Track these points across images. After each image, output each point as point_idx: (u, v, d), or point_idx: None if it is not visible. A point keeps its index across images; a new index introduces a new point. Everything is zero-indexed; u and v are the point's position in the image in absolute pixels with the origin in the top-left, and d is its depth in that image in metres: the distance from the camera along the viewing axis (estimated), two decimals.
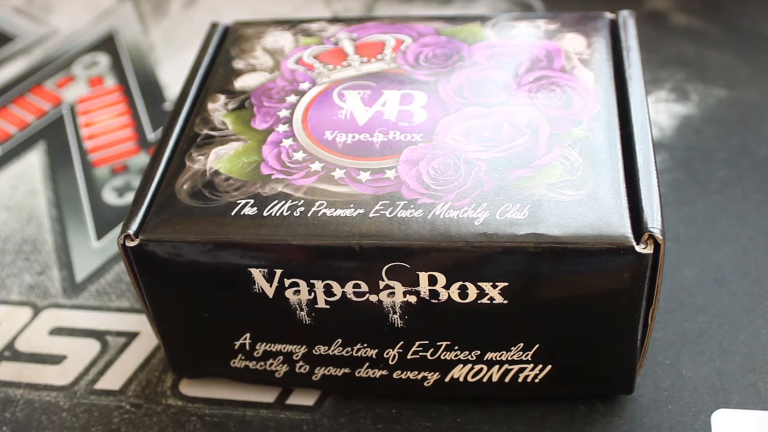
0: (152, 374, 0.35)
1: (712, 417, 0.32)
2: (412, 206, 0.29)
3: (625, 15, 0.37)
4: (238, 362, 0.33)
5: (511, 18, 0.38)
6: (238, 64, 0.37)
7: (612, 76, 0.34)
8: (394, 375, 0.32)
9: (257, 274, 0.29)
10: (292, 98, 0.34)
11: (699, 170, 0.42)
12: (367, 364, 0.32)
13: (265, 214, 0.29)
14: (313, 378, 0.33)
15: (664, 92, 0.47)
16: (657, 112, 0.45)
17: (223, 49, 0.38)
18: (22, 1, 0.59)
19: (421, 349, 0.31)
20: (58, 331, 0.38)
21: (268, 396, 0.34)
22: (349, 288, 0.29)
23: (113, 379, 0.35)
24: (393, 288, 0.29)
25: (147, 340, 0.37)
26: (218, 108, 0.34)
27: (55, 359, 0.36)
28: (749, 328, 0.35)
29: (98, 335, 0.37)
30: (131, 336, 0.37)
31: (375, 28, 0.38)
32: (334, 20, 0.39)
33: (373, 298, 0.29)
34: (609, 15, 0.37)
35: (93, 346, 0.37)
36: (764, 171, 0.41)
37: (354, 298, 0.29)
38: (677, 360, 0.34)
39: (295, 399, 0.34)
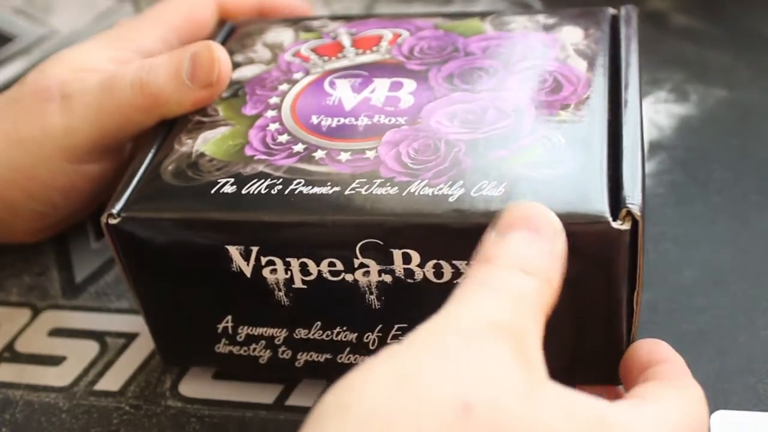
0: (152, 375, 0.35)
1: (711, 418, 0.32)
2: (388, 184, 0.29)
3: (628, 8, 0.37)
4: (222, 347, 0.33)
5: (512, 13, 0.38)
6: (238, 58, 0.37)
7: (607, 64, 0.34)
8: None
9: (234, 251, 0.29)
10: (284, 86, 0.35)
11: (699, 170, 0.42)
12: (348, 349, 0.32)
13: (243, 192, 0.29)
14: (296, 364, 0.33)
15: (664, 92, 0.47)
16: (656, 113, 0.45)
17: (226, 45, 0.38)
18: (22, 1, 0.59)
19: (400, 333, 0.30)
20: (57, 332, 0.38)
21: (267, 397, 0.34)
22: (324, 267, 0.29)
23: (113, 380, 0.35)
24: (368, 267, 0.29)
25: (146, 341, 0.37)
26: None
27: (55, 360, 0.36)
28: (748, 330, 0.35)
29: (97, 336, 0.37)
30: (131, 337, 0.37)
31: (375, 23, 0.38)
32: (337, 17, 0.39)
33: (349, 277, 0.29)
34: (611, 10, 0.37)
35: (92, 347, 0.37)
36: (764, 171, 0.41)
37: (330, 278, 0.29)
38: None
39: (294, 400, 0.34)
